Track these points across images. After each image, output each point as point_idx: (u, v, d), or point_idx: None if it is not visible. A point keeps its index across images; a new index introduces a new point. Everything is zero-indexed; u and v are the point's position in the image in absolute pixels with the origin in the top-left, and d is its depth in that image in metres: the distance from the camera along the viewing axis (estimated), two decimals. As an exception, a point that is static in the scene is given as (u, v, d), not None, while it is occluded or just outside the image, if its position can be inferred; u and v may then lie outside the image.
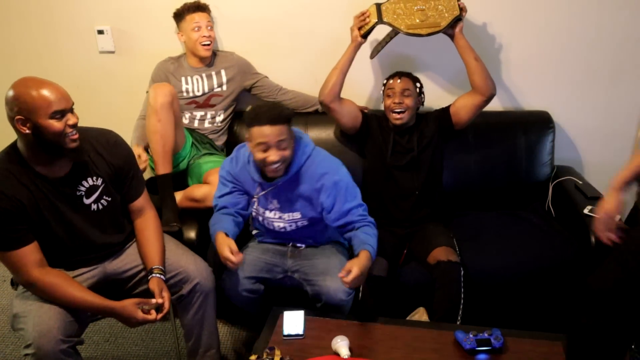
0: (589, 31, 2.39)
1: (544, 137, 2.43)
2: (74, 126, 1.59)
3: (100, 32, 2.65)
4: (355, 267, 1.67)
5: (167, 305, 1.71)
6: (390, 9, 2.12)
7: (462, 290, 1.94)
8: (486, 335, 1.60)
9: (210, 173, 2.34)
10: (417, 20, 2.07)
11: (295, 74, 2.60)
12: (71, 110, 1.59)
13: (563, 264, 2.06)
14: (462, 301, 1.94)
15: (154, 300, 1.70)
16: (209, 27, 2.43)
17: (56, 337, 1.55)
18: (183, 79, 2.47)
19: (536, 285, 2.11)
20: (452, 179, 2.39)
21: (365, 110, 2.55)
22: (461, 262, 2.00)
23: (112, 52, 2.70)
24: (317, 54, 2.57)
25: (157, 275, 1.76)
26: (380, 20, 2.14)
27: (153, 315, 1.68)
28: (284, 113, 1.77)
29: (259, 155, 1.77)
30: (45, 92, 1.53)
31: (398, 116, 2.19)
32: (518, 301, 2.14)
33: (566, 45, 2.44)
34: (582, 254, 2.05)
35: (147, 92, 2.49)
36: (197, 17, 2.41)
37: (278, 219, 1.96)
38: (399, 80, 2.19)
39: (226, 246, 1.78)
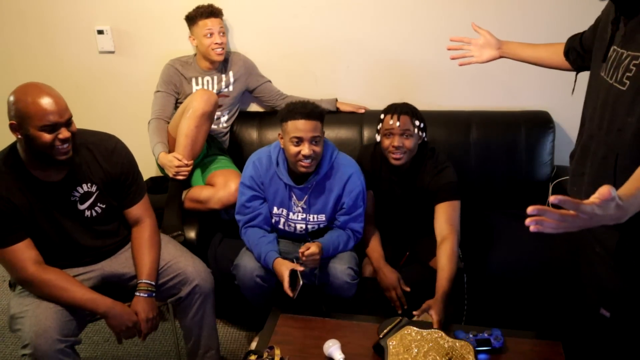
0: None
1: (544, 137, 2.43)
2: (66, 140, 1.55)
3: (100, 32, 2.65)
4: (314, 246, 1.79)
5: (143, 327, 1.72)
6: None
7: (466, 296, 1.92)
8: (486, 335, 1.60)
9: (215, 175, 2.32)
10: None
11: (296, 73, 2.60)
12: (66, 124, 1.55)
13: (563, 263, 2.06)
14: (465, 307, 1.92)
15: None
16: (221, 33, 2.38)
17: (53, 336, 1.54)
18: (194, 80, 2.46)
19: (535, 285, 2.10)
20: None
21: (362, 111, 2.54)
22: (464, 269, 1.99)
23: (112, 52, 2.70)
24: (317, 53, 2.57)
25: (141, 294, 1.74)
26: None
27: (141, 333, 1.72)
28: (317, 109, 1.82)
29: (292, 149, 1.81)
30: (41, 103, 1.49)
31: (396, 156, 1.96)
32: (517, 301, 2.14)
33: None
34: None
35: (155, 92, 2.43)
36: (210, 23, 2.35)
37: (301, 220, 1.98)
38: (397, 123, 1.91)
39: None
